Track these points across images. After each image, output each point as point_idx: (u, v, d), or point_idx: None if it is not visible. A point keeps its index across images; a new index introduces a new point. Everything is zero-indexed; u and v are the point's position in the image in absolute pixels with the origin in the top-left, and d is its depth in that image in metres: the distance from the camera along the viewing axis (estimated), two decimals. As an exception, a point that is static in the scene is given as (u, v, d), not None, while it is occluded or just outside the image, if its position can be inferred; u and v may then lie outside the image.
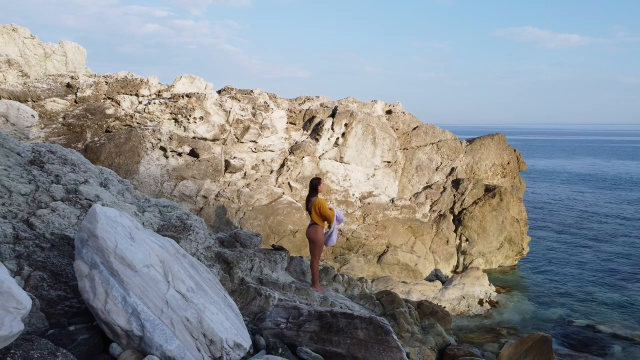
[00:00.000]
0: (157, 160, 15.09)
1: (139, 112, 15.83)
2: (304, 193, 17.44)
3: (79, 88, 15.98)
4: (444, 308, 10.88)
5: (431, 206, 22.09)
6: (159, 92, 17.48)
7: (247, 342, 4.00)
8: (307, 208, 8.13)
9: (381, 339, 4.33)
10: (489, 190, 22.37)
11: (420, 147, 23.17)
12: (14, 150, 5.63)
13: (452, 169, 23.24)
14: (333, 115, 20.25)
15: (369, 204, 20.25)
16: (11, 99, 13.02)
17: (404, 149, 22.80)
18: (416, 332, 8.01)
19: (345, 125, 20.00)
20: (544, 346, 9.43)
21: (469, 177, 22.89)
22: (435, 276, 19.90)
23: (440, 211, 21.95)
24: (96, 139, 14.70)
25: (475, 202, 21.78)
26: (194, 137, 16.11)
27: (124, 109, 15.95)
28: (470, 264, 21.16)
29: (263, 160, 18.16)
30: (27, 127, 9.00)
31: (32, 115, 9.06)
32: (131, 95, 16.76)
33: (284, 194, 17.59)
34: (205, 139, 16.39)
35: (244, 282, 6.24)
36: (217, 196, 16.11)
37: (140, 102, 16.53)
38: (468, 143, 24.53)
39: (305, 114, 20.76)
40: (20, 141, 7.78)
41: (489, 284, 19.10)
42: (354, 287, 9.75)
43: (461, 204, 21.91)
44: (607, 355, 14.01)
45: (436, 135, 23.78)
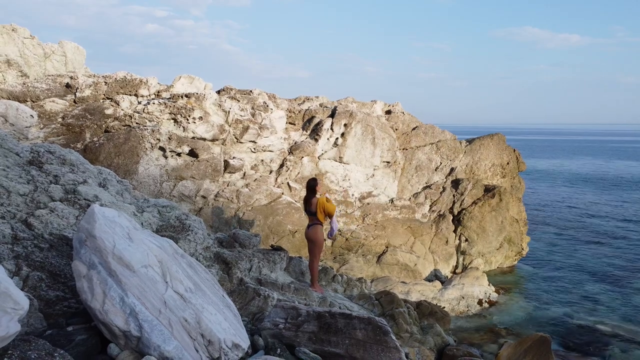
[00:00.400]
0: (156, 160, 15.08)
1: (138, 112, 15.82)
2: (303, 193, 17.43)
3: (78, 88, 15.97)
4: (443, 308, 10.89)
5: (431, 206, 22.09)
6: (158, 92, 17.46)
7: (245, 342, 3.99)
8: (305, 209, 8.09)
9: (380, 339, 4.33)
10: (488, 190, 22.37)
11: (420, 147, 23.16)
12: (12, 151, 5.62)
13: (452, 169, 23.24)
14: (332, 116, 20.24)
15: (368, 204, 20.24)
16: (10, 99, 13.00)
17: (403, 149, 22.80)
18: (415, 332, 8.01)
19: (345, 125, 19.99)
20: (543, 346, 9.43)
21: (468, 177, 22.89)
22: (435, 276, 19.90)
23: (440, 211, 21.95)
24: (95, 139, 14.69)
25: (474, 202, 21.78)
26: (193, 137, 16.10)
27: (123, 109, 15.94)
28: (469, 264, 21.15)
29: (262, 161, 18.15)
30: (26, 127, 8.98)
31: (31, 116, 9.04)
32: (130, 95, 16.75)
33: (283, 194, 17.58)
34: (205, 139, 16.39)
35: (242, 282, 6.24)
36: (216, 196, 16.10)
37: (140, 102, 16.52)
38: (467, 143, 24.53)
39: (304, 114, 20.76)
40: (19, 141, 7.78)
41: (488, 284, 19.11)
42: (353, 287, 9.75)
43: (461, 204, 21.91)
44: (607, 355, 14.01)
45: (436, 136, 23.77)
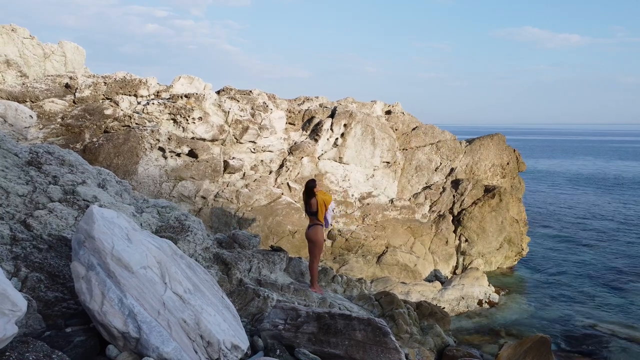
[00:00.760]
0: (155, 160, 15.07)
1: (138, 113, 15.80)
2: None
3: (77, 88, 15.95)
4: (443, 309, 10.87)
5: (430, 206, 22.08)
6: (158, 92, 17.44)
7: (244, 343, 3.98)
8: (306, 210, 8.09)
9: (379, 340, 4.32)
10: (488, 190, 22.36)
11: (420, 147, 23.15)
12: (11, 151, 5.61)
13: (452, 170, 23.22)
14: (332, 116, 20.23)
15: (368, 204, 20.23)
16: (10, 100, 12.98)
17: (403, 149, 22.78)
18: (415, 333, 8.00)
19: (345, 125, 19.98)
20: (543, 347, 9.41)
21: (468, 178, 22.88)
22: (435, 277, 19.88)
23: (440, 212, 21.93)
24: (95, 139, 14.67)
25: (474, 203, 21.77)
26: (192, 138, 16.09)
27: (122, 110, 15.92)
28: (469, 264, 21.14)
29: (262, 161, 18.14)
30: (26, 127, 8.96)
31: (30, 116, 9.02)
32: (130, 95, 16.73)
33: (283, 194, 17.57)
34: (204, 140, 16.37)
35: (242, 283, 6.22)
36: (216, 197, 16.09)
37: (139, 103, 16.50)
38: (467, 143, 24.52)
39: (304, 114, 20.74)
40: (18, 142, 7.77)
41: (488, 285, 19.09)
42: (353, 287, 9.74)
43: (460, 205, 21.89)
44: (607, 356, 14.00)
45: (435, 136, 23.76)
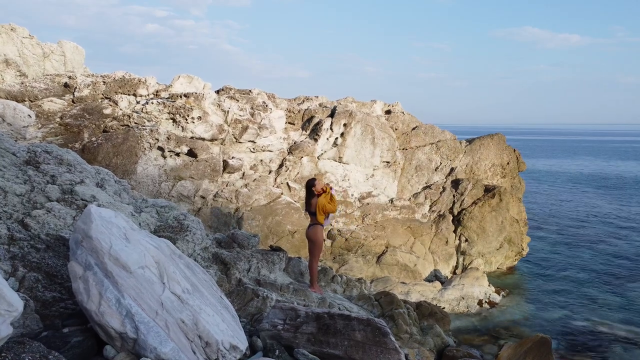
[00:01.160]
0: (154, 160, 15.04)
1: (137, 112, 15.77)
2: (302, 193, 17.39)
3: (76, 88, 15.92)
4: (443, 309, 10.85)
5: (430, 206, 22.05)
6: (157, 92, 17.41)
7: (243, 344, 3.96)
8: (306, 209, 8.06)
9: (379, 340, 4.29)
10: (488, 190, 22.34)
11: (420, 147, 23.12)
12: (9, 151, 5.58)
13: (452, 169, 23.20)
14: (332, 115, 20.20)
15: (368, 204, 20.20)
16: (8, 99, 12.95)
17: (403, 149, 22.76)
18: (415, 333, 7.97)
19: (344, 125, 19.95)
20: (543, 348, 9.40)
21: (468, 178, 22.85)
22: (435, 277, 19.85)
23: (440, 211, 21.91)
24: (93, 139, 14.64)
25: (474, 203, 21.74)
26: (192, 137, 16.06)
27: (121, 109, 15.89)
28: (469, 264, 21.11)
29: (261, 161, 18.11)
30: (24, 127, 8.94)
31: (29, 115, 9.00)
32: (129, 95, 16.70)
33: (282, 194, 17.54)
34: (204, 139, 16.34)
35: (241, 283, 6.19)
36: (215, 196, 16.06)
37: (138, 102, 16.46)
38: (467, 143, 24.49)
39: (304, 114, 20.71)
40: (17, 141, 7.73)
41: (488, 285, 19.06)
42: (352, 287, 9.71)
43: (460, 204, 21.87)
44: (607, 356, 13.97)
45: (435, 136, 23.73)
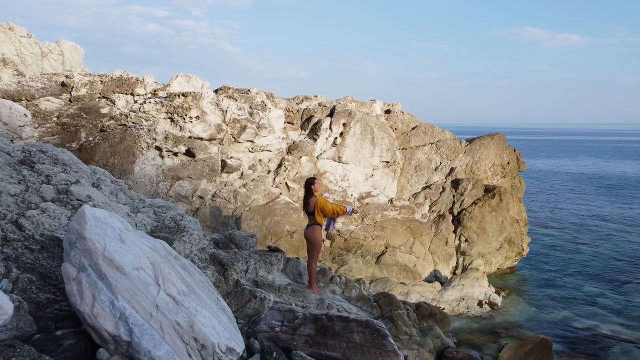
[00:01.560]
0: (152, 160, 14.96)
1: (134, 112, 15.70)
2: (301, 193, 17.31)
3: (73, 87, 15.84)
4: (442, 310, 10.79)
5: (430, 206, 21.99)
6: (155, 91, 17.34)
7: (240, 346, 3.90)
8: (304, 209, 8.00)
9: (377, 342, 4.24)
10: (488, 190, 22.28)
11: (419, 147, 23.06)
12: (3, 150, 5.52)
13: (452, 169, 23.14)
14: (331, 115, 20.13)
15: (367, 204, 20.14)
16: (5, 98, 12.87)
17: (402, 148, 22.70)
18: (414, 334, 7.90)
19: (344, 124, 19.88)
20: (544, 349, 9.34)
21: (468, 177, 22.79)
22: (434, 277, 19.78)
23: (440, 211, 21.85)
24: (91, 138, 14.56)
25: (474, 203, 21.68)
26: (190, 137, 15.98)
27: (119, 108, 15.81)
28: (469, 264, 21.05)
29: (260, 160, 18.03)
30: (20, 126, 8.87)
31: (25, 115, 8.94)
32: (126, 94, 16.62)
33: (281, 194, 17.47)
34: (202, 139, 16.27)
35: (238, 284, 6.13)
36: (213, 196, 15.99)
37: (136, 102, 16.38)
38: (467, 143, 24.44)
39: (303, 113, 20.65)
40: (13, 141, 7.66)
41: (489, 285, 18.99)
42: (351, 288, 9.64)
43: (460, 205, 21.81)
44: (608, 357, 13.91)
45: (435, 135, 23.67)
